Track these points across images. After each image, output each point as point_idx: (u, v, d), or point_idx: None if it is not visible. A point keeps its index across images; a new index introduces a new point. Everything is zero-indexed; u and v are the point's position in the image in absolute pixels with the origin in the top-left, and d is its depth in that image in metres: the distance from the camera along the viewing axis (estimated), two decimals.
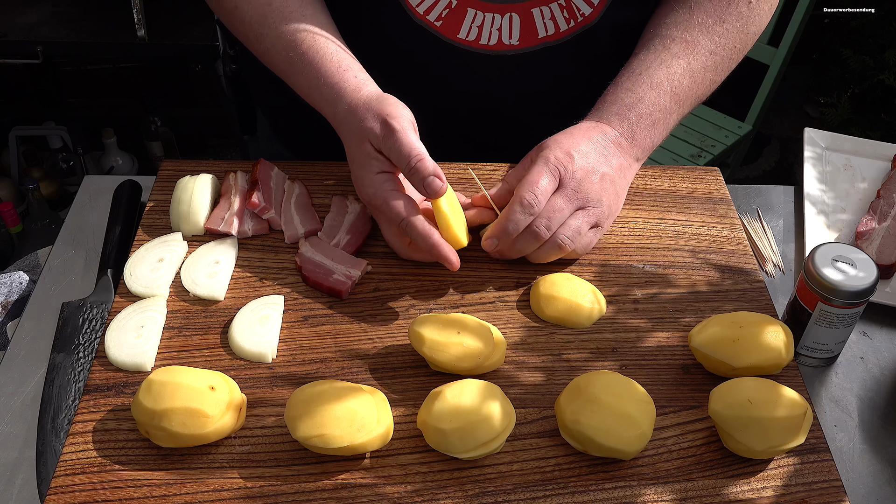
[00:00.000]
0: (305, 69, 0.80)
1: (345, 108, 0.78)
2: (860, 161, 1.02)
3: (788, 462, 0.67)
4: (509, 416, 0.65)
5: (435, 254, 0.75)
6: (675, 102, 0.83)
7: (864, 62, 2.16)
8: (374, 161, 0.76)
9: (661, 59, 0.83)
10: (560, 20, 0.85)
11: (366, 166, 0.76)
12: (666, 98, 0.82)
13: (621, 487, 0.65)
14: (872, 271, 0.72)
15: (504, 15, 0.84)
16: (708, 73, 0.85)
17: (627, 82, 0.83)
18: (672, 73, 0.83)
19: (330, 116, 0.80)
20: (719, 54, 0.85)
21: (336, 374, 0.71)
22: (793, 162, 2.58)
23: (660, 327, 0.77)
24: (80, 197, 0.92)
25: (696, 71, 0.84)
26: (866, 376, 0.78)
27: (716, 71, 0.86)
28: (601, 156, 0.79)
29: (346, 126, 0.78)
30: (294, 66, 0.80)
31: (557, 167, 0.76)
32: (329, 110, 0.80)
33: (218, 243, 0.81)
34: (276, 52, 0.81)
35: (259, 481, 0.63)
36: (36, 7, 1.84)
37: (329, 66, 0.79)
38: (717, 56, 0.85)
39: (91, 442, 0.65)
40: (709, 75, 0.85)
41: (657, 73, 0.82)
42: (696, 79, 0.84)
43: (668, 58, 0.83)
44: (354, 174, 0.78)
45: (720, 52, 0.85)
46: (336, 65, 0.79)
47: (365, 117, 0.75)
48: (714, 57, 0.85)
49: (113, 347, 0.71)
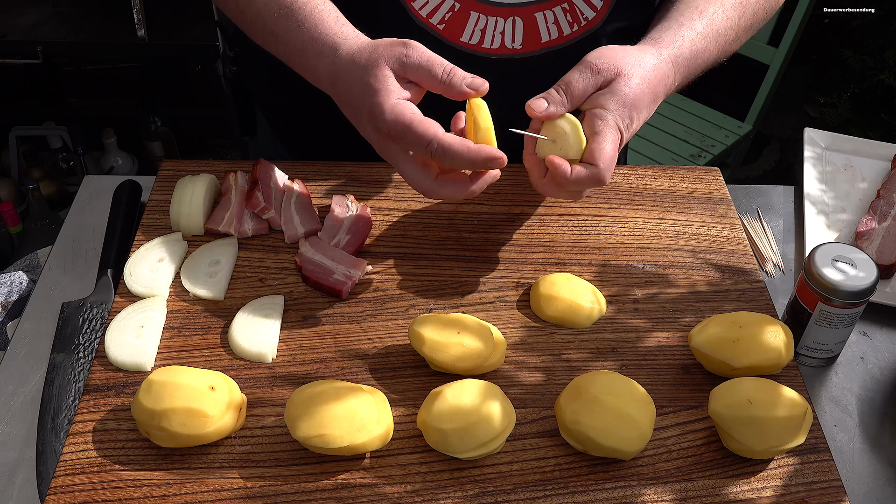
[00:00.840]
0: (300, 26, 0.76)
1: (346, 52, 0.73)
2: (860, 161, 1.02)
3: (788, 462, 0.67)
4: (509, 416, 0.65)
5: (479, 159, 0.68)
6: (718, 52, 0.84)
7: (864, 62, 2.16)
8: (393, 85, 0.70)
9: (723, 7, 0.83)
10: (563, 24, 0.85)
11: (384, 92, 0.70)
12: (717, 53, 0.83)
13: (621, 487, 0.65)
14: (872, 271, 0.72)
15: (507, 18, 0.84)
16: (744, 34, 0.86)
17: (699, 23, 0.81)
18: (728, 25, 0.83)
19: (326, 68, 0.75)
20: (756, 20, 0.86)
21: (336, 374, 0.71)
22: (793, 162, 2.58)
23: (660, 327, 0.77)
24: (80, 197, 0.92)
25: (741, 28, 0.85)
26: (866, 376, 0.78)
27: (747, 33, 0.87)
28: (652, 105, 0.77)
29: (352, 67, 0.73)
30: (288, 23, 0.77)
31: (622, 132, 0.73)
32: (326, 62, 0.75)
33: (218, 243, 0.81)
34: (268, 14, 0.78)
35: (259, 481, 0.63)
36: (36, 7, 1.84)
37: (328, 20, 0.76)
38: (754, 21, 0.86)
39: (91, 442, 0.65)
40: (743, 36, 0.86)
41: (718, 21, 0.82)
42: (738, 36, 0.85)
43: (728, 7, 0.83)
44: (368, 106, 0.71)
45: (759, 16, 0.86)
46: (334, 20, 0.76)
47: (377, 48, 0.71)
48: (752, 20, 0.86)
49: (113, 347, 0.71)
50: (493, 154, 0.68)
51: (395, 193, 0.89)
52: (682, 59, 0.79)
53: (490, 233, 0.85)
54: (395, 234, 0.84)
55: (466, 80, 0.70)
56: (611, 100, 0.73)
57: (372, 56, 0.71)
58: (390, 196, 0.89)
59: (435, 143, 0.67)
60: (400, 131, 0.69)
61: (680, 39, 0.79)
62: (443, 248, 0.83)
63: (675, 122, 2.05)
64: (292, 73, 0.87)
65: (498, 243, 0.84)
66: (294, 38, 0.76)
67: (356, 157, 0.93)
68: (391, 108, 0.69)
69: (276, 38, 0.79)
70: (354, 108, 0.73)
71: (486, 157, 0.68)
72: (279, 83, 0.99)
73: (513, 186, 0.90)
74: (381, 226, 0.85)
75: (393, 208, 0.87)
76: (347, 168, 0.92)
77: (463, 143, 0.68)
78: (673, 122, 2.05)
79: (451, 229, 0.85)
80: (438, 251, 0.83)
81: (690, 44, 0.80)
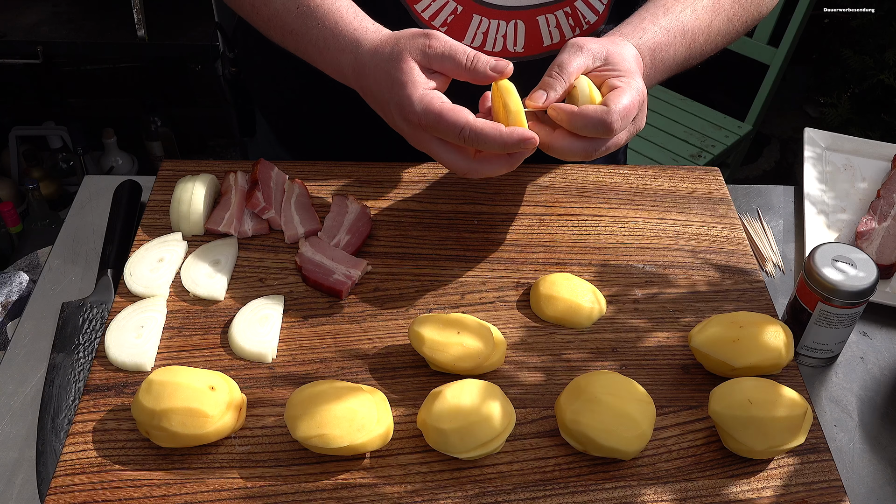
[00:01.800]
0: (319, 24, 0.77)
1: (369, 47, 0.74)
2: (860, 161, 1.02)
3: (788, 462, 0.67)
4: (509, 416, 0.65)
5: (512, 141, 0.69)
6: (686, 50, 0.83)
7: (864, 62, 2.16)
8: (419, 77, 0.71)
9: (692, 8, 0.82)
10: (565, 28, 0.85)
11: (410, 85, 0.71)
12: (684, 51, 0.82)
13: (621, 487, 0.65)
14: (872, 271, 0.72)
15: (509, 22, 0.84)
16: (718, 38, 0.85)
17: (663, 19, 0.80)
18: (698, 25, 0.82)
19: (350, 63, 0.76)
20: (734, 24, 0.85)
21: (336, 374, 0.71)
22: (793, 162, 2.58)
23: (660, 327, 0.77)
24: (80, 197, 0.92)
25: (712, 31, 0.83)
26: (866, 376, 0.78)
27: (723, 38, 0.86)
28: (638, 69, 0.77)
29: (376, 61, 0.73)
30: (307, 21, 0.77)
31: (642, 95, 0.73)
32: (348, 57, 0.76)
33: (218, 243, 0.81)
34: (286, 13, 0.78)
35: (259, 481, 0.63)
36: (36, 7, 1.84)
37: (347, 16, 0.76)
38: (731, 25, 0.85)
39: (91, 442, 0.65)
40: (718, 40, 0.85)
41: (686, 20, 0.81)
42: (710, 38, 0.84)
43: (699, 9, 0.82)
44: (396, 99, 0.72)
45: (735, 21, 0.85)
46: (353, 15, 0.77)
47: (399, 40, 0.72)
48: (729, 25, 0.85)
49: (113, 347, 0.71)
50: (525, 135, 0.68)
51: (394, 193, 0.89)
52: (646, 47, 0.78)
53: (490, 233, 0.85)
54: (395, 234, 0.84)
55: (490, 63, 0.70)
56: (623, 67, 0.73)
57: (395, 49, 0.71)
58: (390, 196, 0.89)
59: (467, 130, 0.68)
60: (431, 121, 0.69)
61: (640, 31, 0.79)
62: (443, 248, 0.83)
63: (675, 122, 2.05)
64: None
65: (498, 243, 0.84)
66: (315, 36, 0.77)
67: (356, 157, 0.93)
68: (419, 98, 0.70)
69: (295, 37, 0.79)
70: (382, 101, 0.74)
71: (518, 139, 0.68)
72: (279, 84, 0.99)
73: (513, 186, 0.90)
74: (381, 226, 0.85)
75: (393, 208, 0.87)
76: (347, 168, 0.92)
77: (494, 127, 0.68)
78: (673, 122, 2.05)
79: (451, 229, 0.85)
80: (438, 251, 0.83)
81: (652, 35, 0.79)
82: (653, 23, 0.80)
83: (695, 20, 0.82)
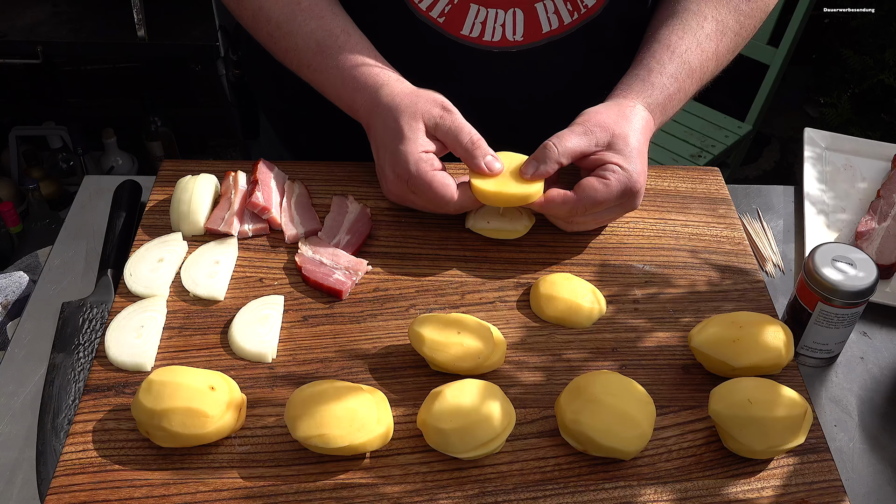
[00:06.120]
0: (338, 63, 0.81)
1: (389, 93, 0.79)
2: (860, 161, 1.02)
3: (788, 462, 0.67)
4: (509, 416, 0.65)
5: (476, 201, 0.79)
6: (696, 86, 0.86)
7: (864, 62, 2.16)
8: (421, 138, 0.77)
9: (697, 41, 0.84)
10: (563, 13, 0.85)
11: (412, 141, 0.77)
12: (694, 87, 0.85)
13: (621, 487, 0.65)
14: (872, 271, 0.72)
15: (507, 10, 0.84)
16: (728, 56, 0.87)
17: (670, 65, 0.83)
18: (704, 57, 0.84)
19: (364, 103, 0.81)
20: (742, 36, 0.87)
21: (336, 374, 0.71)
22: (793, 162, 2.58)
23: (660, 327, 0.77)
24: (80, 197, 0.92)
25: (720, 54, 0.85)
26: (866, 376, 0.78)
27: (733, 53, 0.88)
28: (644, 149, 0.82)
29: (390, 109, 0.78)
30: (326, 60, 0.82)
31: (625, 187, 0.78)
32: (364, 97, 0.80)
33: (218, 243, 0.81)
34: (307, 48, 0.82)
35: (259, 481, 0.63)
36: (36, 7, 1.84)
37: (368, 60, 0.81)
38: (739, 38, 0.86)
39: (91, 442, 0.65)
40: (728, 57, 0.87)
41: (692, 58, 0.83)
42: (720, 62, 0.86)
43: (703, 40, 0.84)
44: (392, 150, 0.78)
45: (743, 33, 0.87)
46: (375, 58, 0.82)
47: (418, 100, 0.78)
48: (737, 39, 0.86)
49: (113, 347, 0.71)
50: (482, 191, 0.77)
51: None
52: (656, 105, 0.82)
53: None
54: (395, 234, 0.84)
55: (487, 158, 0.77)
56: (616, 157, 0.78)
57: (411, 106, 0.78)
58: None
59: (451, 208, 0.78)
60: (419, 186, 0.77)
61: (650, 87, 0.82)
62: (443, 248, 0.83)
63: (675, 122, 2.05)
64: (297, 79, 0.87)
65: (498, 243, 0.84)
66: (333, 75, 0.82)
67: (357, 157, 0.93)
68: (416, 160, 0.77)
69: (311, 70, 0.84)
70: (381, 145, 0.80)
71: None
72: (281, 87, 0.99)
73: None
74: (381, 226, 0.85)
75: (393, 208, 0.87)
76: (347, 168, 0.92)
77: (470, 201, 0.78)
78: (673, 122, 2.05)
79: (451, 229, 0.85)
80: (438, 251, 0.83)
81: (661, 89, 0.82)
82: (660, 73, 0.82)
83: (700, 54, 0.84)
